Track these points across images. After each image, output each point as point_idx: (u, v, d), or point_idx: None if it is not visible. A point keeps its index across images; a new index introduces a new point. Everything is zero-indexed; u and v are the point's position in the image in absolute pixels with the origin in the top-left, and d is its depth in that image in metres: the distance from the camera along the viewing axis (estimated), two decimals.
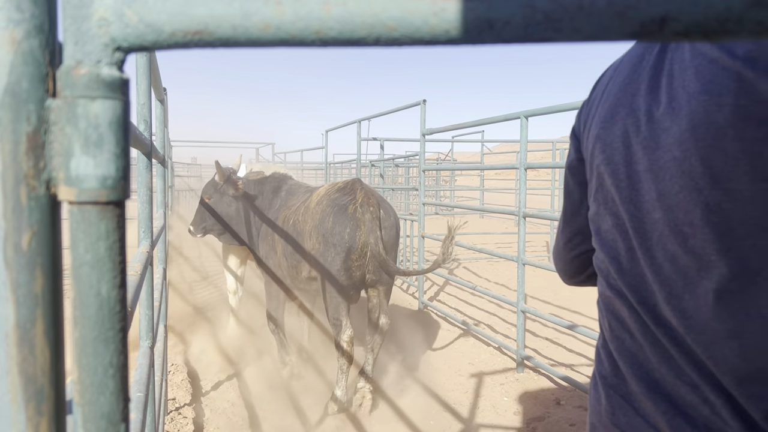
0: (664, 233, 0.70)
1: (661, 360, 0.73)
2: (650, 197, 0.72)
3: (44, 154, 0.39)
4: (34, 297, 0.39)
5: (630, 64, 0.80)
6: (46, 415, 0.40)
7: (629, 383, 0.79)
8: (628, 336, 0.79)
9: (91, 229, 0.39)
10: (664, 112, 0.70)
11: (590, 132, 0.86)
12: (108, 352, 0.40)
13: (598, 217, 0.85)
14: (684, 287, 0.69)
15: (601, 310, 0.87)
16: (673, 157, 0.68)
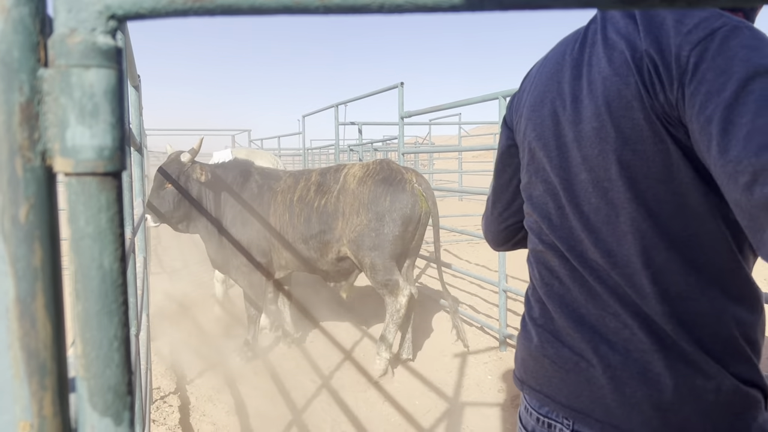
0: (588, 190, 0.88)
1: (588, 297, 0.90)
2: (576, 162, 0.90)
3: (38, 125, 0.39)
4: (33, 270, 0.38)
5: (554, 60, 0.98)
6: (50, 389, 0.39)
7: (557, 321, 0.95)
8: (557, 282, 0.96)
9: (91, 201, 0.39)
10: (585, 94, 0.87)
11: (522, 116, 1.04)
12: (112, 324, 0.40)
13: (530, 186, 1.02)
14: (608, 232, 0.85)
15: (532, 264, 1.03)
16: (593, 127, 0.85)
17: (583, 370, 0.89)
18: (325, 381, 3.84)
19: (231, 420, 3.28)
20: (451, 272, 6.75)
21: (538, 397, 0.98)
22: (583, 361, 0.89)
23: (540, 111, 0.98)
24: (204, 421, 3.24)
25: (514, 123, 1.10)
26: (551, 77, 0.97)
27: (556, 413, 0.94)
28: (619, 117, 0.81)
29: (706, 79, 0.70)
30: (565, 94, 0.93)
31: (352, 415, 3.34)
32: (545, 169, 0.97)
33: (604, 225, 0.86)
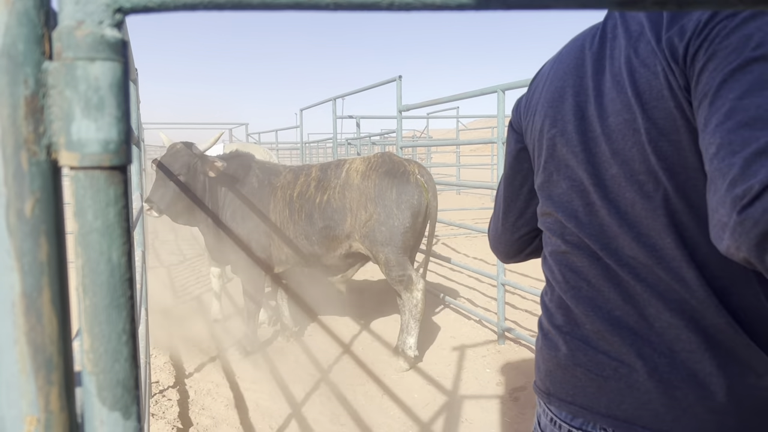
0: (622, 184, 0.84)
1: (626, 297, 0.85)
2: (606, 157, 0.86)
3: (44, 119, 0.38)
4: (39, 265, 0.38)
5: (571, 56, 0.96)
6: (56, 384, 0.39)
7: (587, 326, 0.90)
8: (585, 284, 0.90)
9: (99, 195, 0.38)
10: (610, 86, 0.85)
11: (535, 116, 1.01)
12: (121, 318, 0.39)
13: (550, 184, 0.97)
14: (648, 227, 0.81)
15: (552, 267, 0.98)
16: (624, 120, 0.82)
17: (624, 376, 0.84)
18: (323, 375, 3.84)
19: (230, 414, 3.28)
20: (450, 266, 6.76)
21: (570, 408, 0.92)
22: (623, 367, 0.85)
23: (560, 107, 0.95)
24: (203, 415, 3.25)
25: (524, 125, 1.07)
26: (569, 73, 0.95)
27: (593, 424, 0.89)
28: (652, 108, 0.78)
29: (717, 56, 0.68)
30: (588, 88, 0.90)
31: (351, 408, 3.35)
32: (569, 165, 0.93)
33: (643, 219, 0.82)
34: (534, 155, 1.04)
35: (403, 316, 3.92)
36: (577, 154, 0.91)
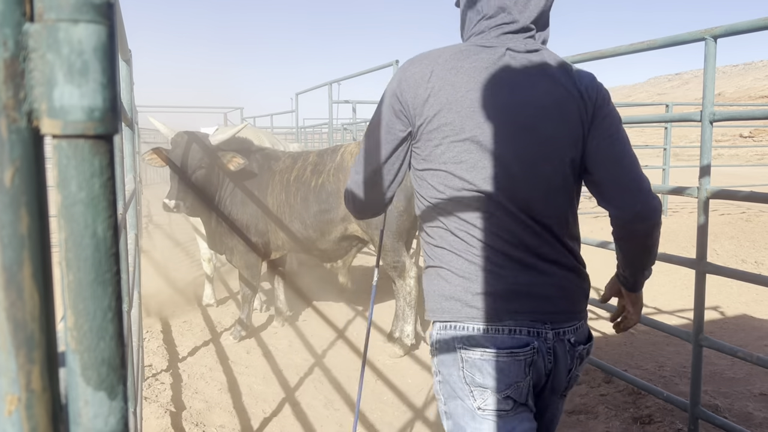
0: (546, 165, 1.33)
1: (532, 235, 1.32)
2: (534, 144, 1.32)
3: (24, 84, 0.36)
4: (20, 238, 0.36)
5: (480, 74, 1.31)
6: (38, 362, 0.38)
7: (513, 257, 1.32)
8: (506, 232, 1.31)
9: (84, 165, 0.37)
10: (529, 96, 1.33)
11: (456, 109, 1.30)
12: (106, 295, 0.38)
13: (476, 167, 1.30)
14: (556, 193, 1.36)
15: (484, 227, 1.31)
16: (553, 125, 1.33)
17: (554, 285, 1.35)
18: (317, 360, 3.84)
19: (224, 398, 3.28)
20: None
21: (545, 318, 1.33)
22: (550, 279, 1.34)
23: (489, 111, 1.30)
24: (196, 399, 3.25)
25: (420, 116, 1.33)
26: (487, 87, 1.31)
27: (556, 326, 1.35)
28: (571, 122, 1.35)
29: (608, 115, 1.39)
30: (517, 98, 1.32)
31: (345, 393, 3.35)
32: (499, 149, 1.30)
33: (553, 189, 1.35)
34: (443, 140, 1.32)
35: (398, 303, 3.92)
36: (509, 141, 1.31)
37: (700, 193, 2.47)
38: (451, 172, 1.32)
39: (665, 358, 3.66)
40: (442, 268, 1.36)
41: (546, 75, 1.35)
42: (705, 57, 2.42)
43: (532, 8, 1.37)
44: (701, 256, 2.52)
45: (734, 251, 6.72)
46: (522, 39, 1.37)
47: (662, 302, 4.92)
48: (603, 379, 3.29)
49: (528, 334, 1.30)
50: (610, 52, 2.92)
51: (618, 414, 2.90)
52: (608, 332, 4.18)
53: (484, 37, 1.38)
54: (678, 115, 2.62)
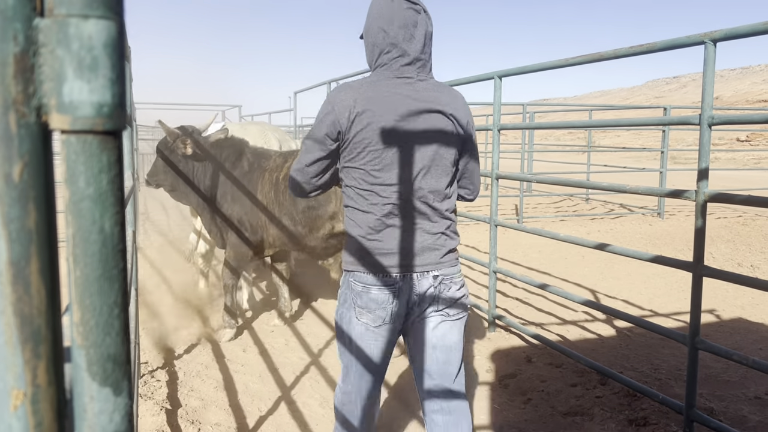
0: (438, 165, 1.89)
1: (418, 213, 1.88)
2: (430, 152, 1.87)
3: (34, 79, 0.36)
4: (27, 232, 0.36)
5: (387, 99, 1.83)
6: (44, 357, 0.38)
7: (407, 228, 1.88)
8: (402, 211, 1.86)
9: (92, 160, 0.37)
10: (422, 116, 1.86)
11: (373, 127, 1.82)
12: (113, 291, 0.38)
13: (389, 163, 1.84)
14: (442, 184, 1.90)
15: (388, 210, 1.87)
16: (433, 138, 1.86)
17: (432, 246, 1.90)
18: (314, 358, 3.84)
19: (219, 395, 3.28)
20: None
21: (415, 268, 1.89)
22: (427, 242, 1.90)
23: (407, 122, 1.85)
24: (192, 396, 3.24)
25: (353, 128, 1.83)
26: (404, 104, 1.84)
27: (427, 272, 1.90)
28: (451, 136, 1.90)
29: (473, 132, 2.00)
30: (424, 115, 1.87)
31: None
32: (406, 156, 1.85)
33: (442, 183, 1.91)
34: (366, 148, 1.84)
35: None
36: (413, 149, 1.85)
37: (697, 197, 2.48)
38: (368, 171, 1.86)
39: (661, 360, 3.67)
40: (351, 236, 1.94)
41: (435, 100, 1.88)
42: (704, 61, 2.43)
43: (416, 42, 1.86)
44: (698, 259, 2.53)
45: (730, 255, 6.74)
46: (415, 69, 1.88)
47: (658, 305, 4.93)
48: (598, 380, 3.30)
49: (399, 271, 1.88)
50: (610, 54, 2.92)
51: (613, 416, 2.91)
52: (604, 334, 4.19)
53: (388, 69, 1.87)
54: (677, 118, 2.63)
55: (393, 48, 1.84)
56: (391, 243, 1.87)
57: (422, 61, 1.87)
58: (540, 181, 3.54)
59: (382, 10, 1.88)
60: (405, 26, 1.85)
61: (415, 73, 1.87)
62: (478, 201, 11.39)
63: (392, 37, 1.84)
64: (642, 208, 10.07)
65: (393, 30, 1.85)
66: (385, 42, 1.85)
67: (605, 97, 73.68)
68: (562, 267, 6.24)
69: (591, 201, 11.18)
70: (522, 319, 4.53)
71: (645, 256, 2.86)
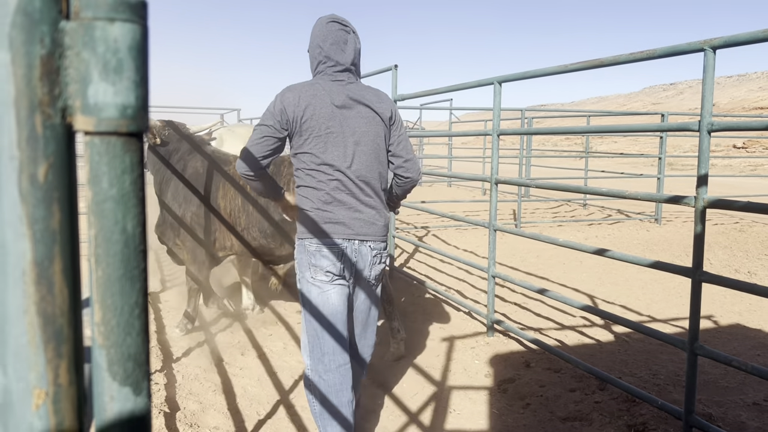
0: (369, 150, 2.42)
1: (359, 191, 2.39)
2: (363, 139, 2.41)
3: (59, 81, 0.37)
4: (51, 233, 0.37)
5: (327, 96, 2.36)
6: (66, 357, 0.38)
7: (348, 203, 2.38)
8: (346, 189, 2.37)
9: (115, 161, 0.37)
10: (362, 112, 2.42)
11: (317, 119, 2.33)
12: (134, 291, 0.38)
13: (328, 148, 2.35)
14: (375, 166, 2.45)
15: (326, 186, 2.36)
16: (374, 127, 2.44)
17: (367, 220, 2.40)
18: None
19: (218, 399, 3.27)
20: (439, 257, 6.76)
21: (356, 236, 2.40)
22: (366, 218, 2.40)
23: (343, 114, 2.37)
24: (190, 400, 3.24)
25: (300, 120, 2.34)
26: (340, 100, 2.38)
27: (364, 242, 2.42)
28: (378, 126, 2.43)
29: (400, 122, 2.55)
30: (355, 108, 2.40)
31: None
32: (343, 140, 2.37)
33: (373, 163, 2.42)
34: (311, 136, 2.35)
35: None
36: (348, 135, 2.37)
37: (697, 203, 2.49)
38: (314, 154, 2.37)
39: (659, 366, 3.67)
40: (303, 210, 2.42)
41: (363, 97, 2.44)
42: (704, 68, 2.44)
43: (347, 55, 2.45)
44: (698, 265, 2.54)
45: (728, 261, 6.76)
46: (346, 75, 2.45)
47: (656, 310, 4.94)
48: (597, 386, 3.30)
49: (345, 238, 2.39)
50: (610, 60, 2.94)
51: (612, 421, 2.91)
52: (602, 339, 4.19)
53: (324, 74, 2.45)
54: (676, 124, 2.64)
55: (328, 59, 2.43)
56: (337, 214, 2.38)
57: (352, 69, 2.46)
58: (540, 186, 3.55)
59: (320, 31, 2.46)
60: (337, 43, 2.43)
61: (346, 78, 2.44)
62: (475, 205, 11.44)
63: (326, 51, 2.42)
64: (639, 214, 10.09)
65: (327, 46, 2.43)
66: (321, 55, 2.44)
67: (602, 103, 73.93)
68: (560, 272, 6.25)
69: (588, 207, 11.20)
70: (520, 324, 4.53)
71: (644, 261, 2.87)
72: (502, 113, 4.01)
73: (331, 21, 2.46)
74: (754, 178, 18.00)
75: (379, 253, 2.48)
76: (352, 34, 2.47)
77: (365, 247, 2.42)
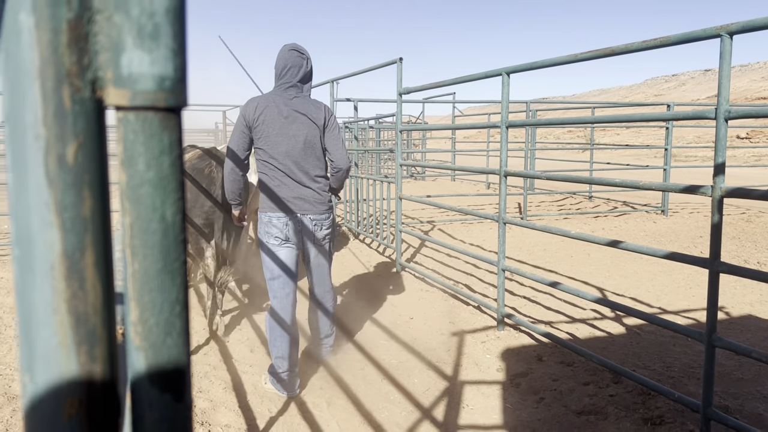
0: (308, 147, 3.26)
1: (302, 176, 3.25)
2: (302, 137, 3.24)
3: (88, 49, 0.32)
4: (82, 221, 0.32)
5: (277, 105, 3.22)
6: (100, 360, 0.34)
7: (291, 188, 3.24)
8: (289, 177, 3.22)
9: (152, 141, 0.33)
10: (302, 119, 3.26)
11: (268, 123, 3.19)
12: (174, 286, 0.34)
13: (277, 145, 3.20)
14: (313, 160, 3.29)
15: (274, 176, 3.23)
16: (312, 128, 3.27)
17: (306, 199, 3.25)
18: (321, 358, 3.80)
19: (228, 396, 3.24)
20: (446, 251, 6.72)
21: (297, 211, 3.24)
22: (306, 197, 3.26)
23: (287, 120, 3.19)
24: (201, 398, 3.20)
25: (255, 125, 3.17)
26: (286, 108, 3.21)
27: (304, 215, 3.26)
28: (315, 128, 3.26)
29: (333, 127, 3.35)
30: (297, 116, 3.23)
31: (351, 393, 3.31)
32: (286, 140, 3.19)
33: (310, 157, 3.26)
34: (265, 134, 3.18)
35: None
36: (291, 135, 3.21)
37: (714, 192, 2.44)
38: (266, 150, 3.20)
39: (672, 358, 3.63)
40: (264, 189, 3.24)
41: (303, 108, 3.24)
42: (720, 54, 2.39)
43: (298, 76, 3.26)
44: (715, 256, 2.49)
45: (736, 252, 6.70)
46: (294, 90, 3.26)
47: (666, 302, 4.90)
48: (611, 379, 3.26)
49: (287, 213, 3.21)
50: (621, 49, 2.89)
51: (628, 415, 2.87)
52: (613, 332, 4.15)
53: (279, 88, 3.26)
54: (692, 113, 2.59)
55: (282, 78, 3.27)
56: (283, 194, 3.22)
57: (298, 85, 3.27)
58: (551, 178, 3.50)
59: (282, 56, 3.29)
60: (293, 66, 3.25)
61: (294, 92, 3.26)
62: (479, 199, 11.39)
63: (282, 70, 3.27)
64: (645, 206, 10.03)
65: (284, 67, 3.26)
66: (278, 72, 3.29)
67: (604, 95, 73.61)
68: (567, 265, 6.20)
69: (594, 199, 11.14)
70: (531, 317, 4.49)
71: (659, 252, 2.82)
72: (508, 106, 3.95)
73: (291, 49, 3.30)
74: (758, 168, 17.88)
75: (320, 223, 3.31)
76: (306, 60, 3.30)
77: (306, 218, 3.27)
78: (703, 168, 13.49)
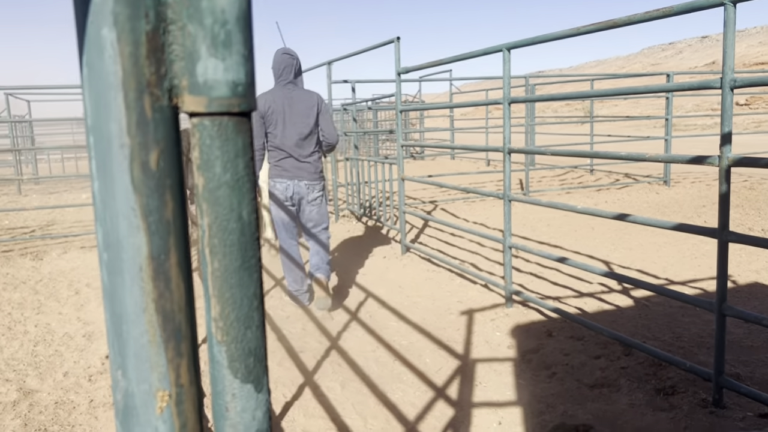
0: (306, 132, 4.31)
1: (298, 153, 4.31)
2: (303, 125, 4.32)
3: (164, 59, 0.34)
4: (166, 224, 0.34)
5: (281, 96, 4.29)
6: (186, 355, 0.36)
7: (293, 163, 4.31)
8: (291, 157, 4.31)
9: (228, 144, 0.34)
10: (304, 107, 4.33)
11: (275, 113, 4.27)
12: (252, 282, 0.36)
13: (283, 131, 4.27)
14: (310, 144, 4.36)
15: (279, 158, 4.33)
16: (309, 116, 4.34)
17: (303, 170, 4.33)
18: (333, 342, 3.84)
19: None
20: (450, 230, 6.74)
21: (295, 177, 4.32)
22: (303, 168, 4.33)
23: (289, 109, 4.27)
24: None
25: (267, 115, 4.25)
26: (287, 100, 4.28)
27: (301, 181, 4.34)
28: (312, 115, 4.33)
29: (325, 110, 4.43)
30: (296, 105, 4.29)
31: (364, 374, 3.36)
32: (291, 125, 4.26)
33: (308, 137, 4.31)
34: (274, 122, 4.26)
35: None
36: (295, 123, 4.27)
37: (721, 162, 2.45)
38: (274, 134, 4.26)
39: (682, 328, 3.66)
40: (271, 164, 4.37)
41: (300, 98, 4.28)
42: (725, 22, 2.38)
43: (292, 73, 4.32)
44: (724, 225, 2.51)
45: (740, 220, 6.73)
46: (291, 85, 4.31)
47: (672, 273, 4.93)
48: (622, 351, 3.30)
49: (289, 179, 4.29)
50: (624, 20, 2.88)
51: (640, 386, 2.91)
52: (621, 305, 4.19)
53: (279, 84, 4.32)
54: (697, 82, 2.59)
55: (280, 76, 4.29)
56: (285, 166, 4.26)
57: (294, 81, 4.32)
58: (556, 153, 3.50)
59: (277, 59, 4.31)
60: (287, 66, 4.28)
61: (291, 87, 4.29)
62: (479, 177, 11.39)
63: (279, 70, 4.29)
64: (647, 177, 10.03)
65: (281, 68, 4.28)
66: (277, 72, 4.31)
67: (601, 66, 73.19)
68: (572, 239, 6.23)
69: (595, 172, 11.14)
70: (538, 293, 4.52)
71: (667, 224, 2.84)
72: (502, 82, 3.95)
73: (284, 53, 4.33)
74: (758, 134, 17.85)
75: (312, 186, 4.32)
76: (295, 60, 4.34)
77: (302, 183, 4.28)
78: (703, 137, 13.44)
